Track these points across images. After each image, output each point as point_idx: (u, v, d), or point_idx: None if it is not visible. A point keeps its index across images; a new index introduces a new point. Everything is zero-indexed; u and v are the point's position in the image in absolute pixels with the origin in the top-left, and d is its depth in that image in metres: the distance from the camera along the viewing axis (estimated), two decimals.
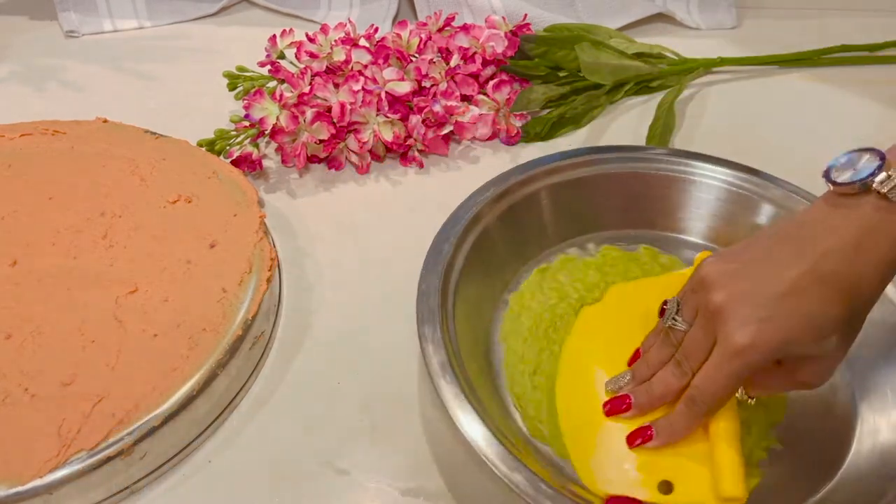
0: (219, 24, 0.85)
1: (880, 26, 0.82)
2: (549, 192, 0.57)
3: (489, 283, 0.53)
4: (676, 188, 0.58)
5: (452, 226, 0.52)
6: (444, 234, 0.51)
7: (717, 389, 0.40)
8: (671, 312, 0.43)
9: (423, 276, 0.48)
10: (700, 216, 0.58)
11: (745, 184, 0.57)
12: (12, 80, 0.76)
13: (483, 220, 0.53)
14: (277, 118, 0.62)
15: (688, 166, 0.58)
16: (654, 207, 0.58)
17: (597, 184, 0.58)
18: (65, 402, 0.44)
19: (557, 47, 0.71)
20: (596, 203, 0.58)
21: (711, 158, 0.59)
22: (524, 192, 0.56)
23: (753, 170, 0.58)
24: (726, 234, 0.57)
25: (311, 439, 0.47)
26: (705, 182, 0.58)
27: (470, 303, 0.50)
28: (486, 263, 0.53)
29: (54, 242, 0.53)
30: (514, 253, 0.55)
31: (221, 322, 0.48)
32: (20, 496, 0.40)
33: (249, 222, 0.55)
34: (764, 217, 0.56)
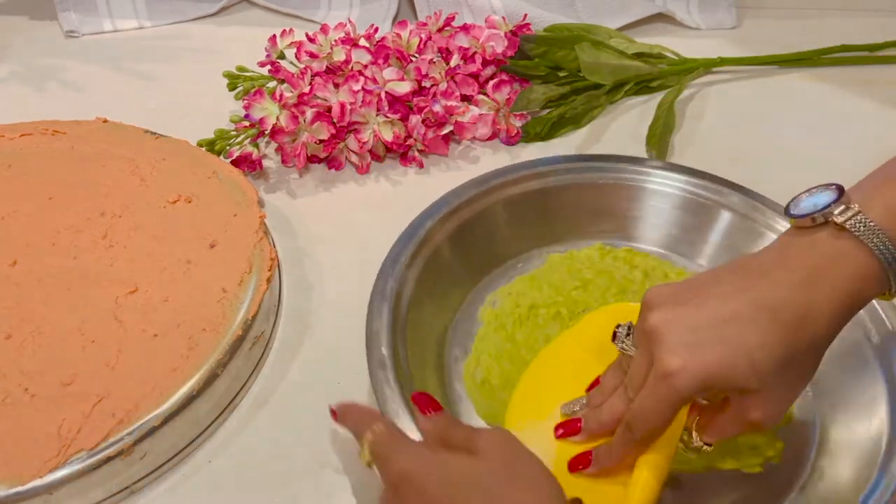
0: (219, 24, 0.85)
1: (880, 26, 0.82)
2: (505, 205, 0.57)
3: (442, 304, 0.53)
4: (632, 197, 0.58)
5: (396, 257, 0.51)
6: (389, 263, 0.50)
7: (649, 415, 0.38)
8: (621, 336, 0.42)
9: (370, 315, 0.47)
10: (656, 225, 0.58)
11: (703, 191, 0.57)
12: (12, 80, 0.76)
13: (434, 239, 0.53)
14: (277, 118, 0.62)
15: (643, 175, 0.58)
16: (610, 217, 0.58)
17: (553, 195, 0.58)
18: (65, 402, 0.44)
19: (557, 47, 0.71)
20: (551, 214, 0.58)
21: (667, 166, 0.59)
22: (477, 208, 0.56)
23: (711, 176, 0.57)
24: (684, 242, 0.57)
25: (311, 439, 0.47)
26: (661, 190, 0.58)
27: (422, 329, 0.50)
28: (438, 283, 0.52)
29: (54, 242, 0.53)
30: (467, 269, 0.55)
31: (221, 322, 0.48)
32: (20, 496, 0.40)
33: (249, 222, 0.55)
34: (723, 224, 0.56)
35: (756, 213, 0.55)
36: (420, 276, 0.51)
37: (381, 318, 0.47)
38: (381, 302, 0.48)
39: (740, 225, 0.56)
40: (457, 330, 0.53)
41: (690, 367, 0.36)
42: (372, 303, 0.48)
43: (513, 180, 0.57)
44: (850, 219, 0.36)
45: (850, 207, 0.36)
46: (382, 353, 0.45)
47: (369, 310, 0.48)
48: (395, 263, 0.50)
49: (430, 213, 0.54)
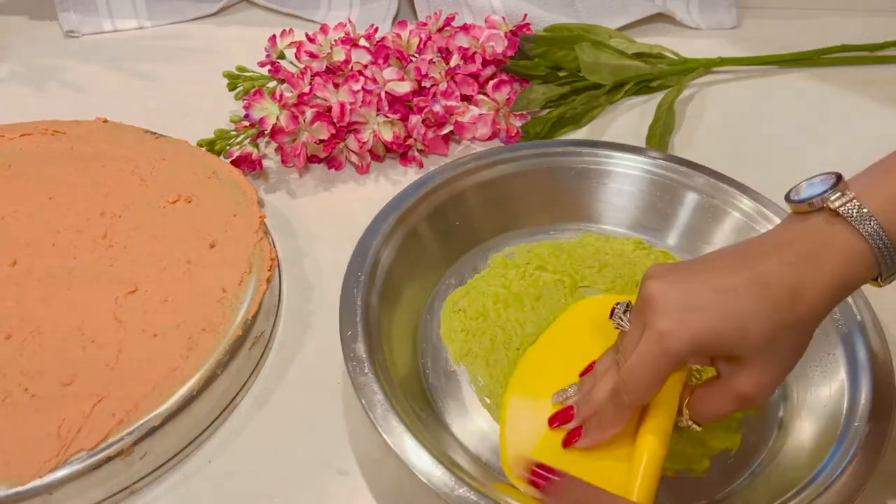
0: (219, 24, 0.85)
1: (880, 26, 0.82)
2: (474, 191, 0.57)
3: (417, 291, 0.54)
4: (597, 180, 0.59)
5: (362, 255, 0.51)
6: (360, 251, 0.51)
7: (639, 378, 0.39)
8: (619, 312, 0.43)
9: (342, 314, 0.47)
10: (623, 207, 0.59)
11: (668, 172, 0.58)
12: (12, 80, 0.76)
13: (405, 226, 0.53)
14: (277, 118, 0.62)
15: (608, 157, 0.59)
16: (577, 201, 0.59)
17: (518, 181, 0.59)
18: (65, 402, 0.44)
19: (557, 47, 0.71)
20: (517, 200, 0.59)
21: (630, 148, 0.60)
22: (447, 194, 0.56)
23: (675, 157, 0.59)
24: (653, 222, 0.59)
25: (311, 439, 0.47)
26: (626, 173, 0.59)
27: (397, 321, 0.50)
28: (412, 271, 0.53)
29: (54, 242, 0.53)
30: (439, 258, 0.56)
31: (221, 322, 0.48)
32: (20, 496, 0.40)
33: (249, 222, 0.55)
34: (690, 204, 0.58)
35: (719, 193, 0.57)
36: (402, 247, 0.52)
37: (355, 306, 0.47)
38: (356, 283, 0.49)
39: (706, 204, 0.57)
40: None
41: (682, 329, 0.37)
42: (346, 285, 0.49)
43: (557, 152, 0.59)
44: (845, 205, 0.37)
45: (845, 194, 0.37)
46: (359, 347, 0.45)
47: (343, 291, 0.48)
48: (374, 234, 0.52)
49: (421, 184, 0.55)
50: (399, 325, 0.50)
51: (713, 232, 0.57)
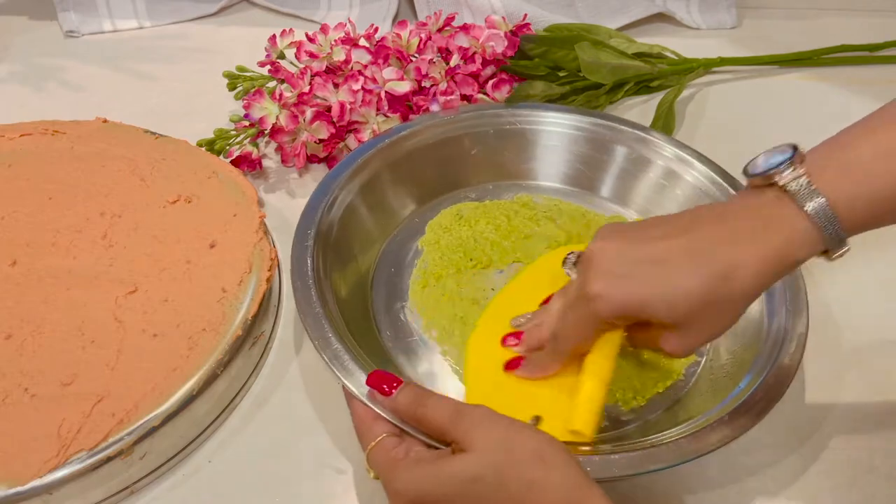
0: (219, 24, 0.85)
1: (880, 26, 0.82)
2: (411, 156, 0.60)
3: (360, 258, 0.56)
4: (527, 139, 0.63)
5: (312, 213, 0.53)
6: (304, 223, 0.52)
7: (570, 330, 0.42)
8: (570, 262, 0.46)
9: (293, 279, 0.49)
10: (554, 162, 0.63)
11: (596, 128, 0.62)
12: (12, 80, 0.76)
13: (329, 222, 0.54)
14: (277, 118, 0.62)
15: (537, 118, 0.63)
16: (480, 163, 0.63)
17: (453, 144, 0.62)
18: (65, 402, 0.44)
19: (557, 47, 0.71)
20: (452, 162, 0.62)
21: (557, 108, 0.64)
22: (390, 160, 0.59)
23: (602, 114, 0.63)
24: (585, 177, 0.62)
25: (311, 439, 0.47)
26: (556, 131, 0.63)
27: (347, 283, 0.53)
28: (346, 268, 0.54)
29: (54, 242, 0.53)
30: (380, 224, 0.58)
31: (221, 322, 0.48)
32: (20, 496, 0.40)
33: (249, 222, 0.55)
34: (619, 157, 0.62)
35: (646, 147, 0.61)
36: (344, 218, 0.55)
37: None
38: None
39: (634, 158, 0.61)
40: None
41: (609, 295, 0.39)
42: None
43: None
44: (794, 181, 0.37)
45: (796, 169, 0.37)
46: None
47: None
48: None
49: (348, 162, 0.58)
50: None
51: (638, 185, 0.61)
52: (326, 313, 0.46)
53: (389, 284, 0.55)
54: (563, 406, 0.43)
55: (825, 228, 0.37)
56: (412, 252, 0.57)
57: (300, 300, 0.47)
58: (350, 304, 0.51)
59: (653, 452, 0.41)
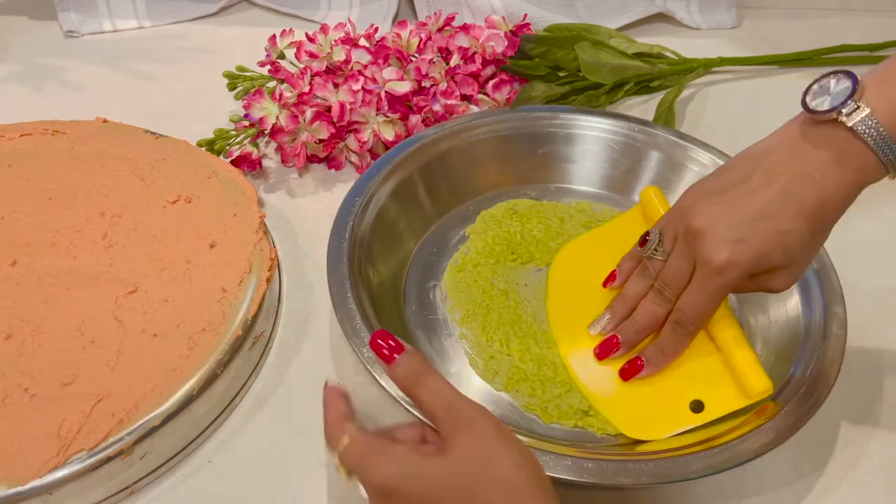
0: (219, 24, 0.85)
1: (880, 26, 0.82)
2: (445, 157, 0.60)
3: (395, 256, 0.56)
4: (564, 143, 0.63)
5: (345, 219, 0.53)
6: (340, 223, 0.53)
7: (702, 308, 0.44)
8: (653, 242, 0.46)
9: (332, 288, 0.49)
10: (589, 168, 0.63)
11: (634, 133, 0.62)
12: (12, 80, 0.76)
13: (380, 194, 0.56)
14: (277, 118, 0.62)
15: (574, 122, 0.63)
16: (546, 163, 0.63)
17: (521, 140, 0.63)
18: (65, 402, 0.44)
19: (557, 47, 0.71)
20: (485, 164, 0.62)
21: (596, 112, 0.64)
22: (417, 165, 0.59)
23: (639, 119, 0.63)
24: (619, 181, 0.62)
25: (311, 439, 0.47)
26: (592, 135, 0.63)
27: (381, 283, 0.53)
28: (389, 240, 0.56)
29: (54, 242, 0.53)
30: (411, 227, 0.58)
31: (221, 322, 0.48)
32: (20, 496, 0.40)
33: (249, 222, 0.55)
34: (653, 163, 0.61)
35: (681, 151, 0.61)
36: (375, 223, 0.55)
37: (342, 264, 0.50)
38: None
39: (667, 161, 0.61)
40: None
41: (737, 261, 0.41)
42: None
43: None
44: (860, 122, 0.40)
45: (860, 108, 0.40)
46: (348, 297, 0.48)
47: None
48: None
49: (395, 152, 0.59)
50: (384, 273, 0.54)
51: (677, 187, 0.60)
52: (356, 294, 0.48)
53: (427, 263, 0.56)
54: (717, 382, 0.45)
55: (891, 162, 0.40)
56: (458, 237, 0.58)
57: (332, 259, 0.49)
58: (384, 276, 0.53)
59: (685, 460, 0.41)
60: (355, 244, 0.51)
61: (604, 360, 0.48)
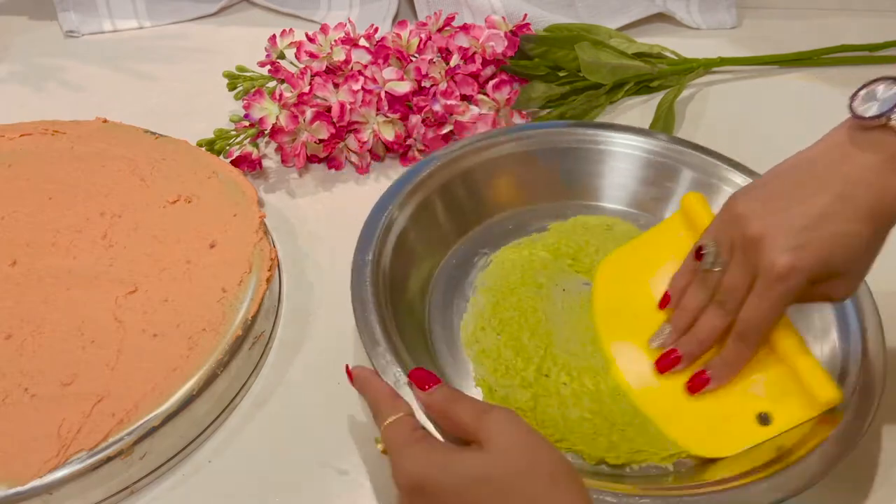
0: (219, 24, 0.85)
1: (880, 26, 0.82)
2: (473, 173, 0.58)
3: (420, 271, 0.54)
4: (595, 160, 0.61)
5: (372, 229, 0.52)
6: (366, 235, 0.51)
7: (765, 318, 0.42)
8: (711, 255, 0.44)
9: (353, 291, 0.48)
10: (620, 185, 0.60)
11: (664, 150, 0.60)
12: (12, 80, 0.76)
13: (415, 202, 0.54)
14: (277, 118, 0.62)
15: (606, 138, 0.61)
16: (577, 180, 0.61)
17: (517, 162, 0.60)
18: (65, 402, 0.44)
19: (557, 47, 0.71)
20: (520, 179, 0.60)
21: (627, 129, 0.61)
22: (446, 177, 0.57)
23: (671, 137, 0.61)
24: (649, 198, 0.60)
25: (311, 439, 0.47)
26: (624, 152, 0.60)
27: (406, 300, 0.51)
28: (414, 251, 0.54)
29: (54, 242, 0.53)
30: (437, 241, 0.56)
31: (221, 322, 0.48)
32: (20, 496, 0.40)
33: (249, 222, 0.55)
34: (685, 181, 0.59)
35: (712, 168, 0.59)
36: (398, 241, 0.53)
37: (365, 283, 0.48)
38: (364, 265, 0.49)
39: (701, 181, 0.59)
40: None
41: (801, 266, 0.40)
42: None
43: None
44: None
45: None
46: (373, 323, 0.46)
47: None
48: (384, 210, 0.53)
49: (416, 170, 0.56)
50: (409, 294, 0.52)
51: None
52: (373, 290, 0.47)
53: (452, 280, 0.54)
54: (784, 393, 0.44)
55: None
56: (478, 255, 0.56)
57: (356, 267, 0.48)
58: (405, 282, 0.52)
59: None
60: (378, 270, 0.49)
61: (664, 373, 0.46)
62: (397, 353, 0.44)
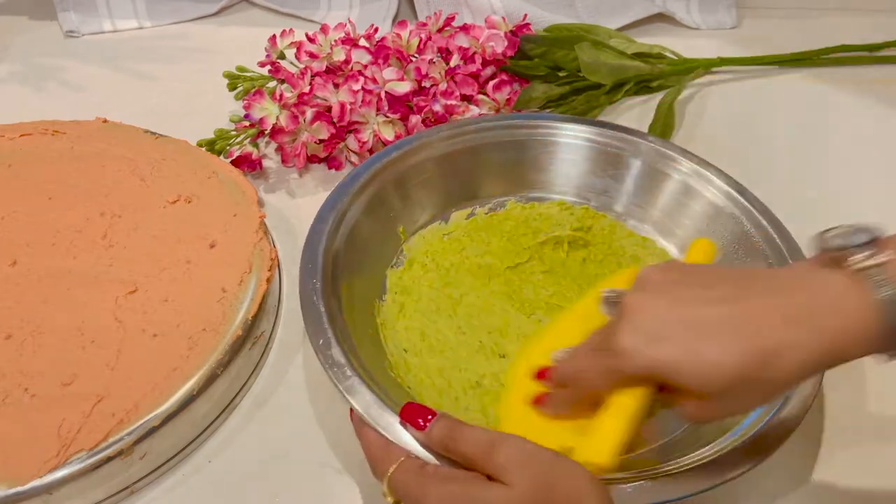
0: (219, 24, 0.85)
1: (880, 26, 0.82)
2: (422, 167, 0.59)
3: (370, 268, 0.55)
4: (544, 150, 0.61)
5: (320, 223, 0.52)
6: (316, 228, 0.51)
7: (589, 378, 0.40)
8: (610, 300, 0.43)
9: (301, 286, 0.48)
10: (568, 174, 0.60)
11: (613, 141, 0.59)
12: (12, 80, 0.76)
13: (358, 201, 0.54)
14: (277, 118, 0.62)
15: (554, 129, 0.60)
16: (524, 171, 0.61)
17: (467, 154, 0.60)
18: (65, 402, 0.44)
19: (557, 47, 0.71)
20: (466, 172, 0.60)
21: (576, 119, 0.61)
22: (400, 169, 0.57)
23: (620, 127, 0.60)
24: (593, 188, 0.60)
25: (311, 439, 0.47)
26: (572, 143, 0.60)
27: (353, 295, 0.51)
28: (363, 249, 0.54)
29: (54, 242, 0.53)
30: (390, 230, 0.57)
31: (221, 322, 0.48)
32: (20, 496, 0.40)
33: (249, 222, 0.55)
34: (634, 171, 0.59)
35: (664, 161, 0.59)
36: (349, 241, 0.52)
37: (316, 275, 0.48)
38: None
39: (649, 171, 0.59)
40: None
41: (638, 354, 0.36)
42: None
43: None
44: (869, 267, 0.34)
45: (874, 255, 0.34)
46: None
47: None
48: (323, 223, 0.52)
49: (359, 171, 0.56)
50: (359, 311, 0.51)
51: (657, 196, 0.59)
52: (334, 332, 0.46)
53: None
54: (588, 436, 0.42)
55: (893, 326, 0.33)
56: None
57: (308, 317, 0.46)
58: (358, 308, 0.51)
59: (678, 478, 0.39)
60: (328, 259, 0.49)
61: (537, 379, 0.45)
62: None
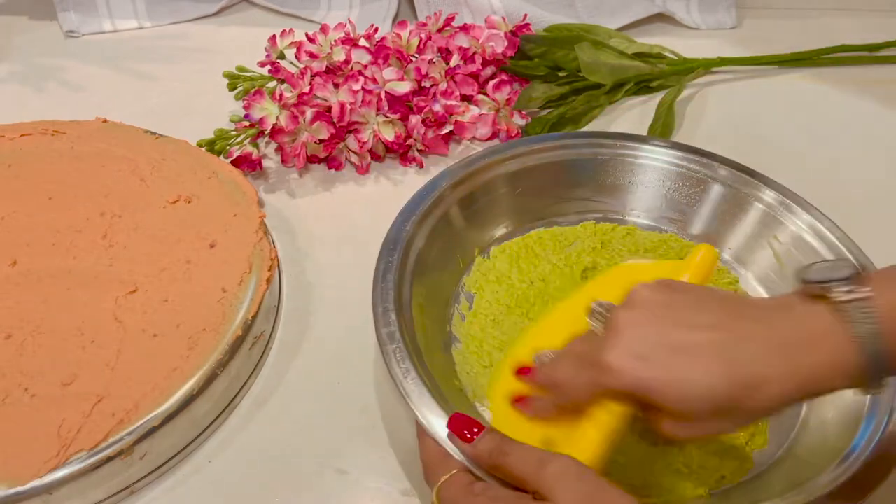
0: (219, 24, 0.85)
1: (880, 26, 0.82)
2: (504, 180, 0.58)
3: (446, 271, 0.55)
4: (624, 170, 0.60)
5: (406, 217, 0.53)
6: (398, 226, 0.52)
7: (572, 388, 0.40)
8: (597, 313, 0.43)
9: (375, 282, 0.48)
10: (648, 197, 0.60)
11: (692, 164, 0.59)
12: (12, 80, 0.76)
13: (441, 208, 0.54)
14: (277, 118, 0.62)
15: (634, 149, 0.60)
16: (603, 190, 0.60)
17: (546, 171, 0.59)
18: (65, 402, 0.44)
19: (557, 47, 0.71)
20: (545, 189, 0.60)
21: (657, 140, 0.61)
22: (479, 181, 0.57)
23: (699, 150, 0.60)
24: (673, 211, 0.60)
25: (311, 439, 0.47)
26: (652, 164, 0.60)
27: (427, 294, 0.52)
28: (443, 252, 0.54)
29: (54, 242, 0.53)
30: (469, 239, 0.57)
31: (221, 322, 0.48)
32: (20, 496, 0.40)
33: (249, 222, 0.55)
34: (714, 195, 0.58)
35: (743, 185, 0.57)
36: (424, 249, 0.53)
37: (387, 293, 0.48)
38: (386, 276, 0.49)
39: (729, 196, 0.58)
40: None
41: (622, 372, 0.36)
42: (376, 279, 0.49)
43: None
44: (849, 301, 0.35)
45: (856, 290, 0.35)
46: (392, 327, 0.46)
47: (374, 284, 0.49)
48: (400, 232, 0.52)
49: (432, 186, 0.55)
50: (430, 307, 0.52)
51: (735, 222, 0.58)
52: (405, 341, 0.46)
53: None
54: (570, 440, 0.41)
55: (871, 362, 0.34)
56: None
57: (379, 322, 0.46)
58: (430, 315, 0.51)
59: None
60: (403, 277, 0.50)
61: (516, 377, 0.45)
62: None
